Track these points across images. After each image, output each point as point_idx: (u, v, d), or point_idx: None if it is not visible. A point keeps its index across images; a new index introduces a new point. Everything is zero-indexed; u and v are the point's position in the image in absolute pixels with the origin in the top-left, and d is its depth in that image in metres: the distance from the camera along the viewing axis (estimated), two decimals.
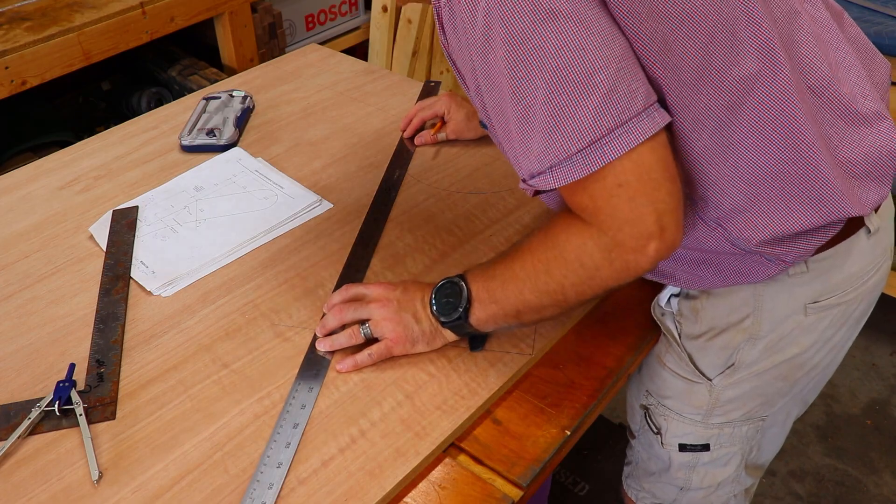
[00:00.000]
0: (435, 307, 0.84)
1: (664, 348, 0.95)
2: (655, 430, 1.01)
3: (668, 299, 0.92)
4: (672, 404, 0.97)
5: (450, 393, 0.84)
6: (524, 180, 0.71)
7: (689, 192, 0.76)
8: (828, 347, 0.90)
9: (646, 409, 1.02)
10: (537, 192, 0.73)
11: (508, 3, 0.63)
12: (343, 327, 0.88)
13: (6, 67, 1.47)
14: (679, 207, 0.69)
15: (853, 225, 0.80)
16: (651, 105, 0.66)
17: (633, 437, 1.09)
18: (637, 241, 0.68)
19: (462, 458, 0.80)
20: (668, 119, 0.67)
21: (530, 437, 0.82)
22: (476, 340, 0.88)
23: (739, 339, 0.87)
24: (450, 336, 0.86)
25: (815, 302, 0.84)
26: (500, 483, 0.78)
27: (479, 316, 0.81)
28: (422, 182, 1.17)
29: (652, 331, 0.95)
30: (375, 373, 0.86)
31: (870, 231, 0.83)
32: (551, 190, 0.71)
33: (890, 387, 1.98)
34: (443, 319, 0.83)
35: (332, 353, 0.88)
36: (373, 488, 0.74)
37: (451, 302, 0.82)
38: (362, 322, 0.87)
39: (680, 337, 0.92)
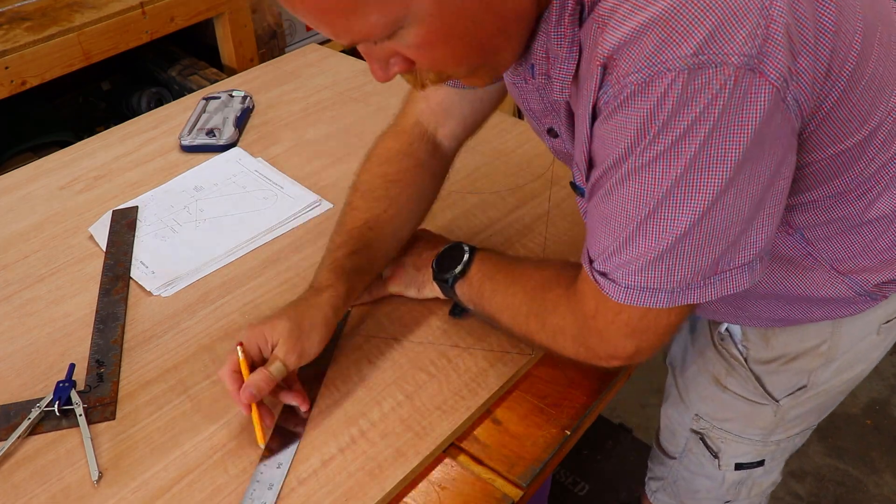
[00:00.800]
0: (436, 262, 0.88)
1: (724, 371, 0.92)
2: (713, 454, 0.99)
3: (727, 326, 0.89)
4: (732, 427, 0.95)
5: (450, 393, 0.84)
6: (591, 262, 0.66)
7: (808, 233, 0.73)
8: (884, 356, 0.90)
9: (699, 433, 0.99)
10: (575, 189, 0.70)
11: (723, 128, 0.54)
12: None
13: (6, 67, 1.47)
14: (659, 348, 0.68)
15: None
16: (758, 255, 0.61)
17: (673, 458, 1.06)
18: (604, 355, 0.70)
19: (462, 458, 0.80)
20: (765, 270, 0.63)
21: (530, 437, 0.81)
22: (457, 308, 0.91)
23: (815, 363, 0.85)
24: (437, 291, 0.89)
25: (887, 322, 0.84)
26: (500, 483, 0.77)
27: (465, 293, 0.85)
28: None
29: None
30: (375, 373, 0.86)
31: None
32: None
33: (890, 387, 1.98)
34: (436, 273, 0.87)
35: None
36: (373, 488, 0.74)
37: (449, 264, 0.86)
38: None
39: (747, 361, 0.89)
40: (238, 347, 0.78)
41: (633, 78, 0.54)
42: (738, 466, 0.98)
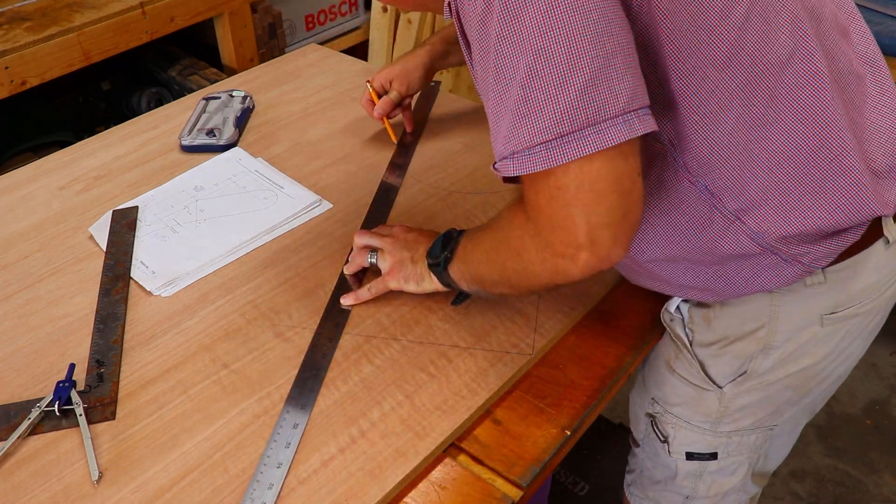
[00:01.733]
0: (428, 251, 0.89)
1: (673, 354, 0.94)
2: (662, 439, 1.00)
3: (678, 305, 0.91)
4: (680, 412, 0.96)
5: (450, 393, 0.84)
6: (494, 163, 0.69)
7: (709, 182, 0.74)
8: (841, 359, 0.89)
9: (652, 417, 1.01)
10: (506, 179, 0.71)
11: None
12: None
13: (6, 67, 1.47)
14: (622, 222, 0.66)
15: (872, 234, 0.79)
16: (632, 111, 0.63)
17: (637, 445, 1.08)
18: (566, 248, 0.67)
19: (462, 458, 0.80)
20: (649, 128, 0.64)
21: (530, 437, 0.82)
22: (459, 296, 0.92)
23: (753, 348, 0.86)
24: (436, 282, 0.89)
25: (831, 313, 0.83)
26: (500, 483, 0.78)
27: (455, 270, 0.85)
28: (422, 182, 1.17)
29: (652, 331, 0.95)
30: (375, 373, 0.86)
31: (888, 241, 0.81)
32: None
33: (890, 387, 1.98)
34: (428, 260, 0.88)
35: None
36: (373, 488, 0.74)
37: (438, 251, 0.87)
38: (374, 250, 0.96)
39: (691, 344, 0.90)
40: (367, 83, 1.21)
41: None
42: (690, 456, 0.98)
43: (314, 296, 0.96)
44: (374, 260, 0.96)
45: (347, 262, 1.00)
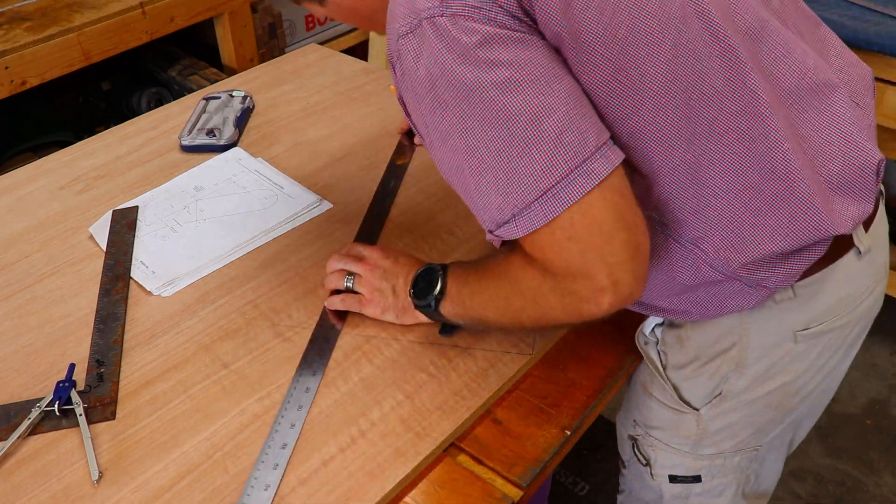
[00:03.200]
0: (413, 289, 0.87)
1: (649, 378, 0.92)
2: (644, 462, 0.99)
3: (653, 328, 0.89)
4: (660, 435, 0.95)
5: (450, 393, 0.84)
6: (490, 231, 0.70)
7: (662, 215, 0.74)
8: (822, 374, 0.87)
9: (634, 439, 0.99)
10: (504, 243, 0.73)
11: (448, 59, 0.63)
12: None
13: (6, 67, 1.47)
14: (636, 257, 0.67)
15: (841, 246, 0.78)
16: (603, 144, 0.65)
17: (624, 466, 1.06)
18: (589, 294, 0.67)
19: (462, 458, 0.80)
20: (622, 156, 0.66)
21: (530, 437, 0.82)
22: (447, 327, 0.90)
23: (726, 368, 0.84)
24: (419, 317, 0.88)
25: (805, 329, 0.81)
26: (500, 483, 0.78)
27: (449, 310, 0.83)
28: (422, 182, 1.17)
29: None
30: (375, 373, 0.86)
31: (860, 252, 0.79)
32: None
33: (889, 386, 1.98)
34: (416, 302, 0.87)
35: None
36: (373, 488, 0.74)
37: (426, 288, 0.85)
38: (351, 274, 0.94)
39: (665, 368, 0.89)
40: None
41: (387, 48, 0.70)
42: (673, 479, 0.97)
43: (314, 296, 0.96)
44: (350, 284, 0.92)
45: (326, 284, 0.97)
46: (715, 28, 0.68)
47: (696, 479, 0.96)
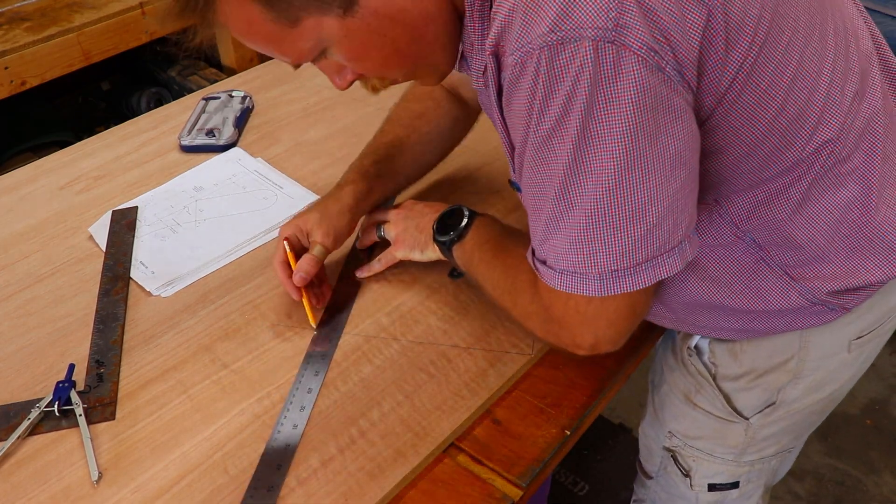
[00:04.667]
0: (436, 223, 0.89)
1: (694, 388, 0.90)
2: (685, 472, 0.97)
3: (697, 341, 0.88)
4: (703, 445, 0.93)
5: (450, 393, 0.84)
6: (533, 252, 0.69)
7: (758, 237, 0.72)
8: (858, 376, 0.88)
9: (671, 451, 0.98)
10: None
11: (600, 98, 0.56)
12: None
13: (6, 67, 1.47)
14: (624, 337, 0.69)
15: None
16: (686, 238, 0.63)
17: (650, 477, 1.05)
18: (570, 343, 0.71)
19: (462, 458, 0.80)
20: (696, 249, 0.65)
21: (530, 437, 0.81)
22: (455, 270, 0.92)
23: (783, 380, 0.84)
24: (438, 251, 0.90)
25: (858, 338, 0.82)
26: (500, 483, 0.77)
27: (459, 257, 0.86)
28: (421, 182, 1.17)
29: (652, 331, 0.94)
30: (375, 373, 0.86)
31: None
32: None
33: (889, 387, 1.98)
34: (435, 235, 0.88)
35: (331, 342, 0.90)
36: (373, 488, 0.74)
37: (447, 226, 0.87)
38: (382, 223, 0.97)
39: (714, 378, 0.87)
40: (283, 242, 0.91)
41: (510, 60, 0.58)
42: (712, 487, 0.96)
43: None
44: (381, 233, 0.97)
45: (358, 237, 1.02)
46: (851, 57, 0.68)
47: (735, 485, 0.96)
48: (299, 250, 0.92)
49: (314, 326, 0.90)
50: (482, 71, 0.68)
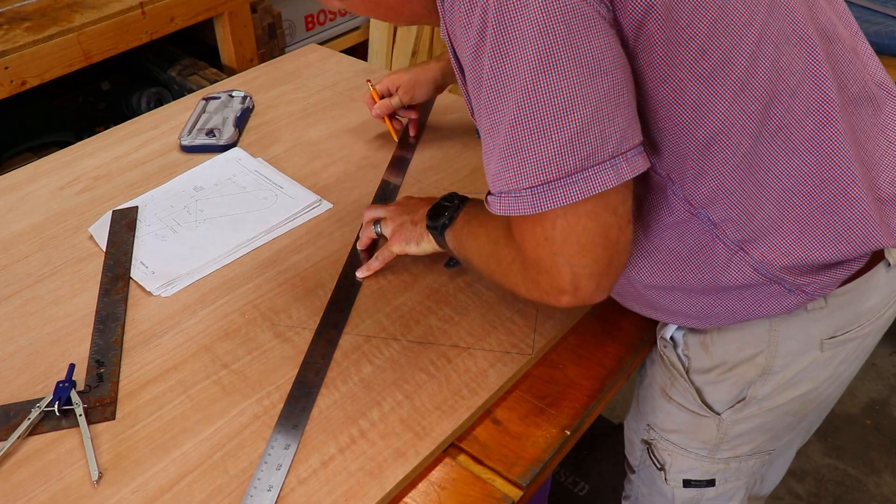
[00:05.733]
0: (429, 211, 0.90)
1: (669, 381, 0.91)
2: (659, 466, 0.98)
3: (672, 333, 0.89)
4: (677, 439, 0.94)
5: (450, 393, 0.84)
6: (487, 195, 0.69)
7: (712, 213, 0.72)
8: (839, 381, 0.88)
9: (648, 444, 0.99)
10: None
11: (508, 8, 0.58)
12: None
13: (6, 67, 1.47)
14: (605, 272, 0.66)
15: (874, 257, 0.77)
16: (620, 154, 0.62)
17: (633, 472, 1.06)
18: (551, 290, 0.68)
19: (462, 458, 0.80)
20: (638, 170, 0.63)
21: (530, 437, 0.82)
22: (451, 259, 0.96)
23: (752, 374, 0.84)
24: (433, 242, 0.91)
25: (831, 337, 0.81)
26: (499, 483, 0.78)
27: (451, 240, 0.87)
28: (422, 182, 1.17)
29: (651, 331, 0.95)
30: (375, 373, 0.86)
31: (889, 264, 0.79)
32: None
33: (889, 387, 1.98)
34: (428, 222, 0.89)
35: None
36: (373, 488, 0.74)
37: (439, 212, 0.88)
38: (379, 220, 0.99)
39: (688, 372, 0.88)
40: (367, 83, 1.22)
41: None
42: (687, 483, 0.96)
43: (314, 296, 0.96)
44: (378, 229, 0.99)
45: (358, 237, 1.04)
46: (798, 24, 0.66)
47: (710, 483, 0.96)
48: (385, 95, 1.20)
49: (395, 140, 1.24)
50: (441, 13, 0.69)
